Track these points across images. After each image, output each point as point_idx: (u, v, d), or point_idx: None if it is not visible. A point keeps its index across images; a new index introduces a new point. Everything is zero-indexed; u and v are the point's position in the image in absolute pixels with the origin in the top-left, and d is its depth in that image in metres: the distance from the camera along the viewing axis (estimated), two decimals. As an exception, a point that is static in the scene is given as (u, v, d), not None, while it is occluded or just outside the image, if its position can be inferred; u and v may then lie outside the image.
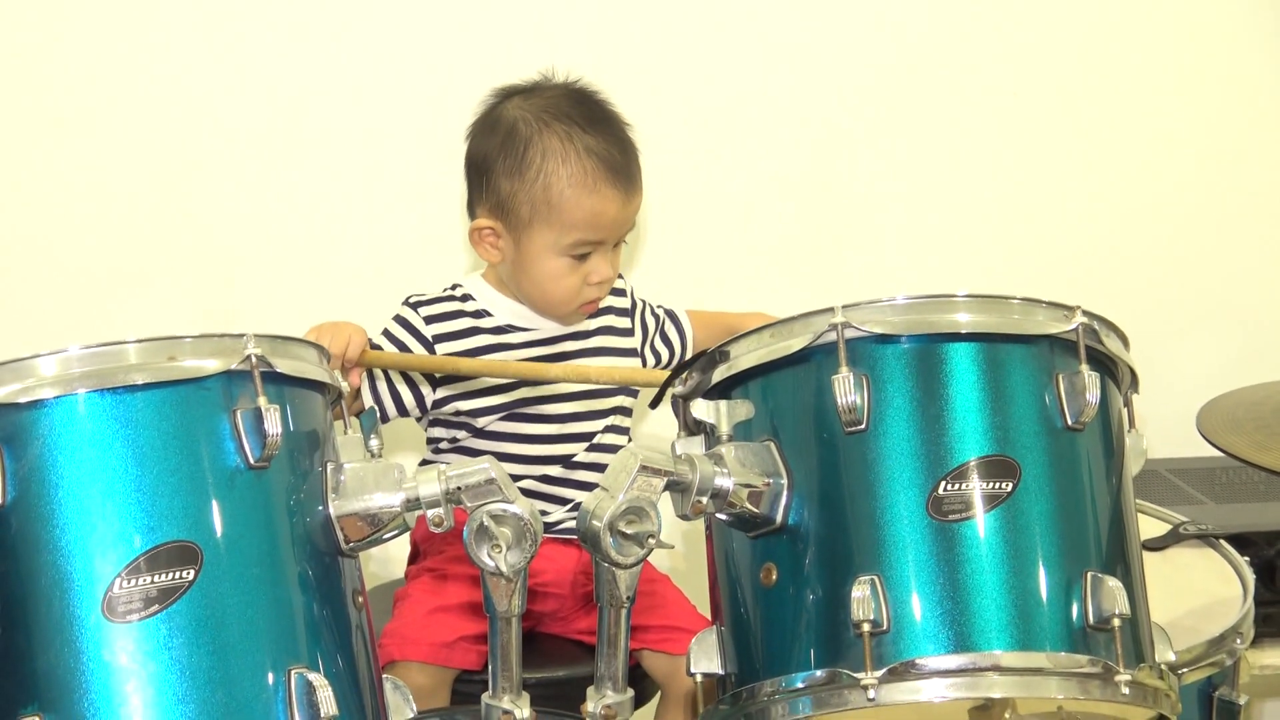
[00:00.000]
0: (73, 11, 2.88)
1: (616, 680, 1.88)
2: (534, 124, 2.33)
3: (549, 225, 2.31)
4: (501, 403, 2.39)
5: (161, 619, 1.60)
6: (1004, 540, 1.75)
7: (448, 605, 2.34)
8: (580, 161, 2.30)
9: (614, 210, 2.31)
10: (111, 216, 2.95)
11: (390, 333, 2.38)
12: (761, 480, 1.80)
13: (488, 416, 2.40)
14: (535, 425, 2.41)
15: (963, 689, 1.73)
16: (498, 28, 3.00)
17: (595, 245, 2.32)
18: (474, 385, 2.39)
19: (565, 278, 2.34)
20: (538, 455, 2.41)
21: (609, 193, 2.30)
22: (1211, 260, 3.35)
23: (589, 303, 2.38)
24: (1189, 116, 3.32)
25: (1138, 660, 1.79)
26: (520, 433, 2.41)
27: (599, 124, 2.34)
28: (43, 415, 1.62)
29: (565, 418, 2.42)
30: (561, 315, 2.40)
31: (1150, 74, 3.30)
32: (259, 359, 1.67)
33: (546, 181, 2.30)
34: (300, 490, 1.72)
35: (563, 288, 2.35)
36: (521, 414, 2.40)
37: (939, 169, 3.24)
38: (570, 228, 2.31)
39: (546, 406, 2.41)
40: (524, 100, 2.37)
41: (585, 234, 2.31)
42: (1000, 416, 1.78)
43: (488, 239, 2.37)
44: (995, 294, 1.82)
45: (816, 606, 1.77)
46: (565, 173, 2.30)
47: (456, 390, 2.39)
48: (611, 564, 1.78)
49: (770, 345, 1.82)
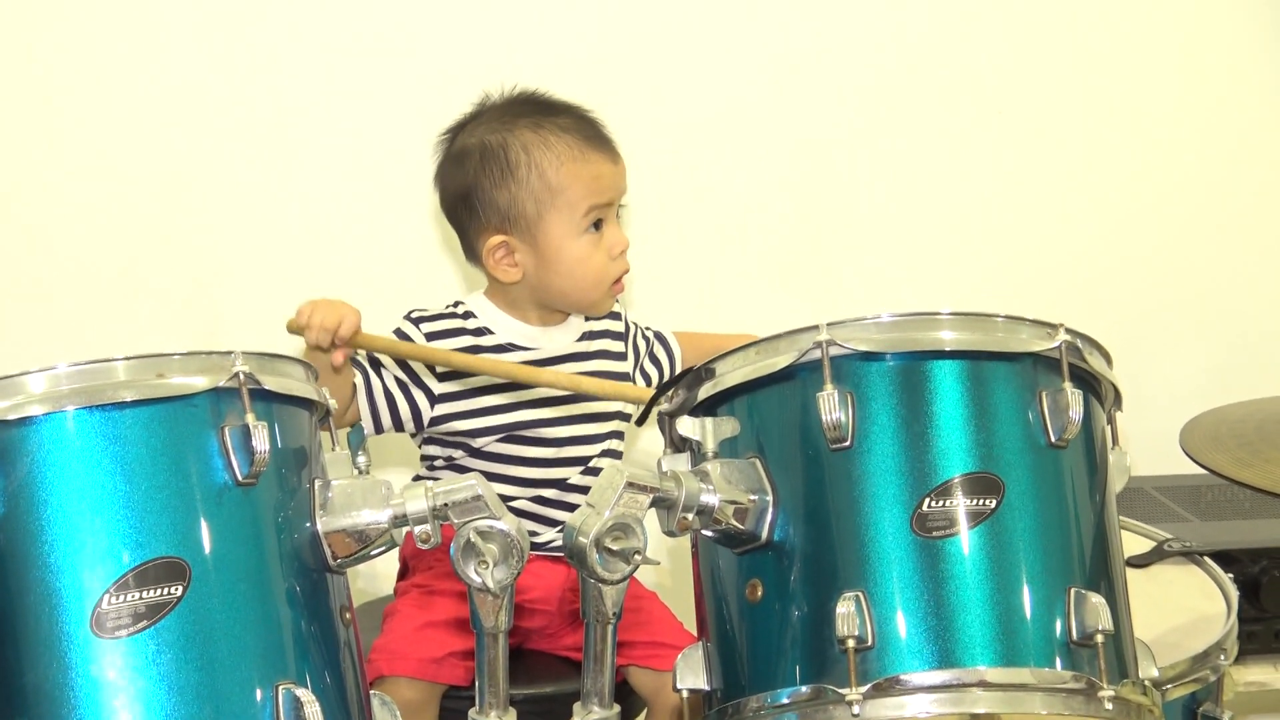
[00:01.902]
0: (58, 25, 2.88)
1: (603, 696, 1.89)
2: (500, 132, 2.36)
3: (558, 209, 2.34)
4: (500, 424, 2.39)
5: (150, 635, 1.61)
6: (988, 557, 1.76)
7: (436, 621, 2.34)
8: (560, 139, 2.34)
9: (608, 170, 2.36)
10: (101, 227, 2.94)
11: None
12: (747, 497, 1.81)
13: (486, 437, 2.40)
14: (532, 448, 2.41)
15: (947, 705, 1.73)
16: (495, 36, 3.01)
17: (604, 210, 2.36)
18: (473, 405, 2.39)
19: (591, 257, 2.36)
20: (533, 478, 2.41)
21: (596, 156, 2.35)
22: (1194, 278, 3.37)
23: (616, 281, 2.40)
24: (1173, 134, 3.33)
25: (1121, 676, 1.79)
26: (517, 455, 2.41)
27: (558, 109, 2.39)
28: (31, 432, 1.62)
29: (563, 441, 2.42)
30: (598, 301, 2.41)
31: (1134, 92, 3.31)
32: (247, 376, 1.68)
33: (540, 170, 2.34)
34: (288, 507, 1.72)
35: (592, 269, 2.37)
36: (520, 436, 2.41)
37: (924, 185, 3.25)
38: (578, 200, 2.34)
39: (545, 430, 2.41)
40: (475, 124, 2.40)
41: (594, 199, 2.34)
42: (984, 434, 1.79)
43: (503, 259, 2.37)
44: (979, 312, 1.83)
45: (802, 622, 1.78)
46: (552, 155, 2.34)
47: (455, 409, 2.39)
48: (598, 580, 1.78)
49: (755, 362, 1.83)
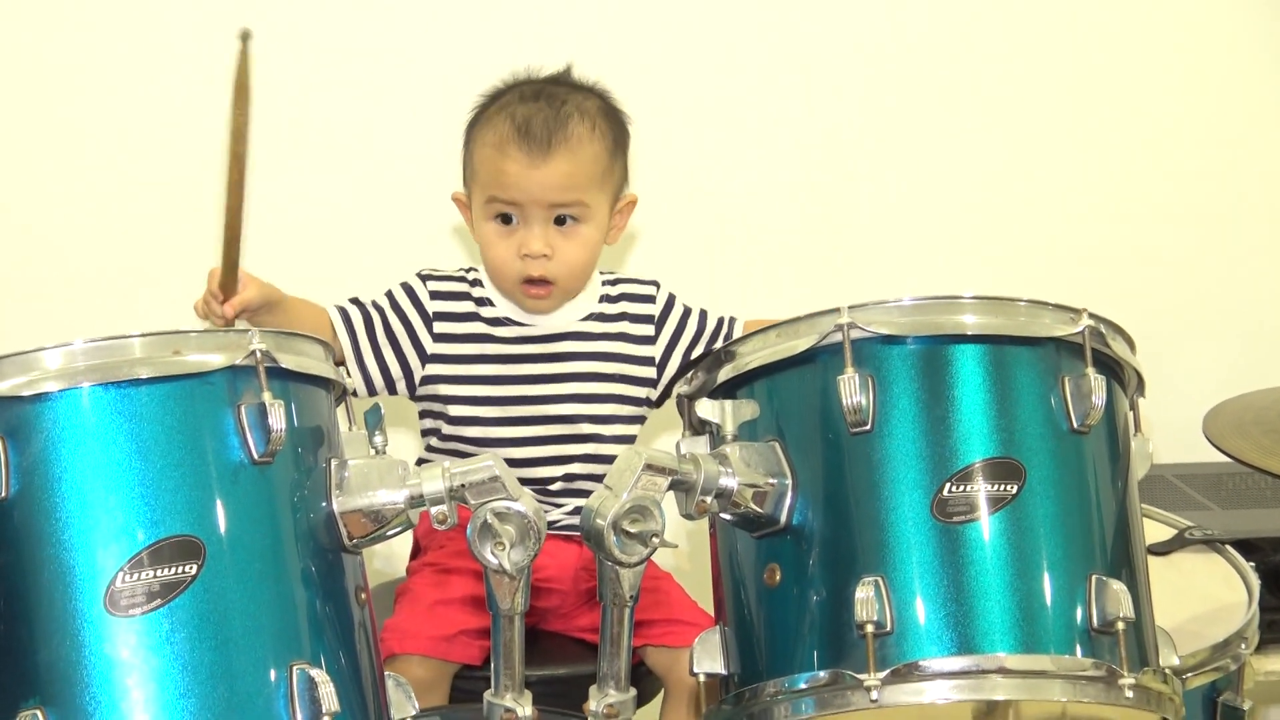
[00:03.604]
0: (81, 11, 2.88)
1: (619, 679, 1.88)
2: (497, 99, 2.39)
3: (475, 186, 2.38)
4: (490, 395, 2.40)
5: (164, 613, 1.60)
6: (1008, 542, 1.75)
7: (449, 599, 2.33)
8: (499, 125, 2.34)
9: (516, 171, 2.32)
10: (118, 211, 2.95)
11: (392, 294, 2.41)
12: (766, 480, 1.80)
13: (473, 406, 2.40)
14: (526, 427, 2.41)
15: (966, 691, 1.72)
16: (505, 29, 3.01)
17: (510, 208, 2.34)
18: (463, 371, 2.40)
19: (496, 245, 2.36)
20: (526, 458, 2.41)
21: (513, 153, 2.32)
22: (1219, 264, 3.35)
23: (530, 283, 2.36)
24: (1197, 120, 3.31)
25: (1142, 664, 1.79)
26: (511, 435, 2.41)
27: (540, 98, 2.36)
28: (47, 408, 1.61)
29: (557, 419, 2.42)
30: (509, 291, 2.40)
31: (1159, 77, 3.29)
32: (264, 354, 1.67)
33: (474, 145, 2.38)
34: (304, 486, 1.71)
35: (495, 255, 2.37)
36: (512, 415, 2.41)
37: (946, 170, 3.24)
38: (483, 186, 2.36)
39: (540, 407, 2.41)
40: (517, 84, 2.41)
41: (494, 191, 2.34)
42: (1005, 419, 1.78)
43: (466, 213, 2.44)
44: (1002, 296, 1.82)
45: (820, 607, 1.77)
46: (483, 136, 2.36)
47: (444, 372, 2.40)
48: (615, 563, 1.78)
49: (776, 345, 1.82)
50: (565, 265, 2.35)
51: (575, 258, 2.36)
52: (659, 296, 2.50)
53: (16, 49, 2.90)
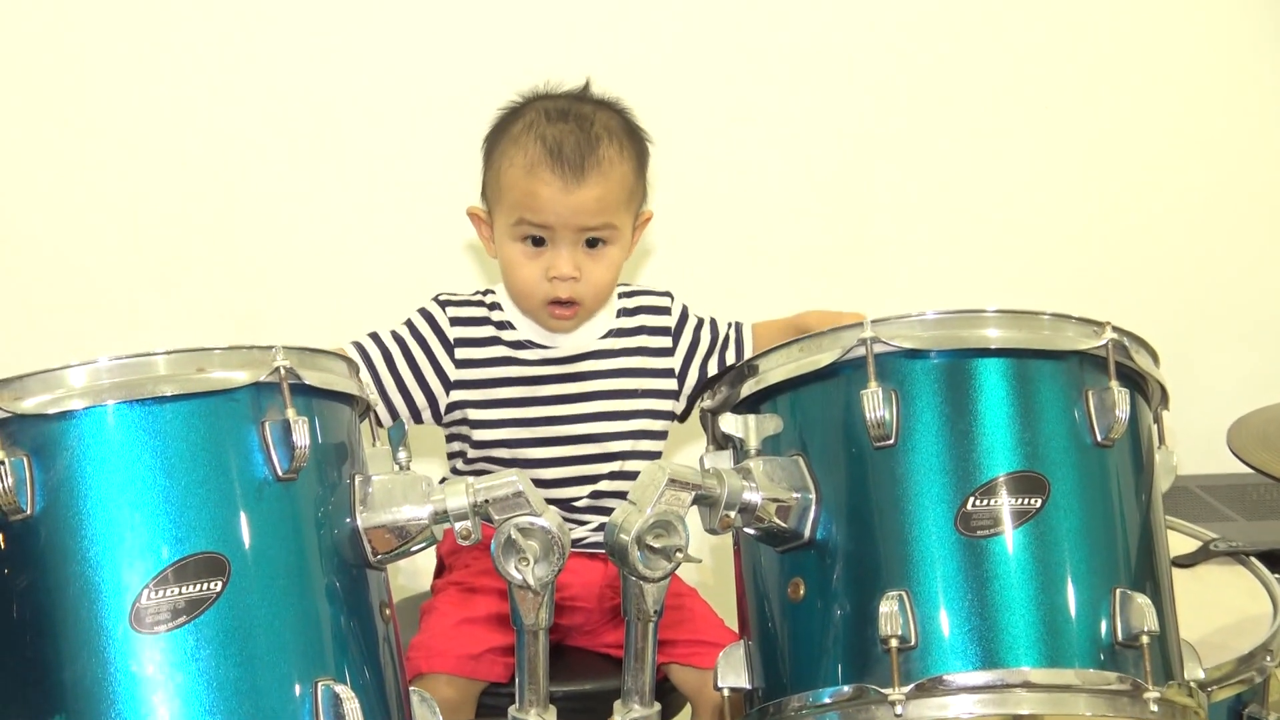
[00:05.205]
0: (101, 16, 2.90)
1: (644, 694, 1.88)
2: (519, 114, 2.37)
3: (501, 207, 2.35)
4: (515, 417, 2.40)
5: (189, 630, 1.60)
6: (1032, 556, 1.75)
7: (474, 617, 2.34)
8: (528, 146, 2.32)
9: (549, 194, 2.30)
10: (140, 222, 2.96)
11: (412, 323, 2.40)
12: (789, 495, 1.80)
13: (499, 430, 2.40)
14: (551, 448, 2.41)
15: (991, 705, 1.72)
16: (522, 34, 3.01)
17: (541, 231, 2.32)
18: (488, 395, 2.39)
19: (523, 266, 2.34)
20: (552, 478, 2.41)
21: (546, 176, 2.30)
22: (1243, 276, 3.35)
23: (557, 305, 2.36)
24: (1222, 130, 3.31)
25: (1166, 678, 1.78)
26: (536, 456, 2.41)
27: (568, 118, 2.34)
28: (72, 426, 1.62)
29: (581, 439, 2.41)
30: (532, 311, 2.39)
31: (1185, 88, 3.29)
32: (288, 371, 1.67)
33: (500, 164, 2.35)
34: (328, 502, 1.72)
35: (522, 277, 2.35)
36: (537, 435, 2.40)
37: (966, 181, 3.23)
38: (512, 208, 2.33)
39: (562, 428, 2.40)
40: (537, 99, 2.40)
41: (525, 214, 2.32)
42: (1029, 432, 1.77)
43: (480, 227, 2.43)
44: (1025, 309, 1.81)
45: (844, 622, 1.77)
46: (514, 155, 2.33)
47: (470, 398, 2.39)
48: (639, 578, 1.78)
49: (799, 360, 1.82)
50: (592, 286, 2.35)
51: (602, 279, 2.36)
52: (674, 308, 2.51)
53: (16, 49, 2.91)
